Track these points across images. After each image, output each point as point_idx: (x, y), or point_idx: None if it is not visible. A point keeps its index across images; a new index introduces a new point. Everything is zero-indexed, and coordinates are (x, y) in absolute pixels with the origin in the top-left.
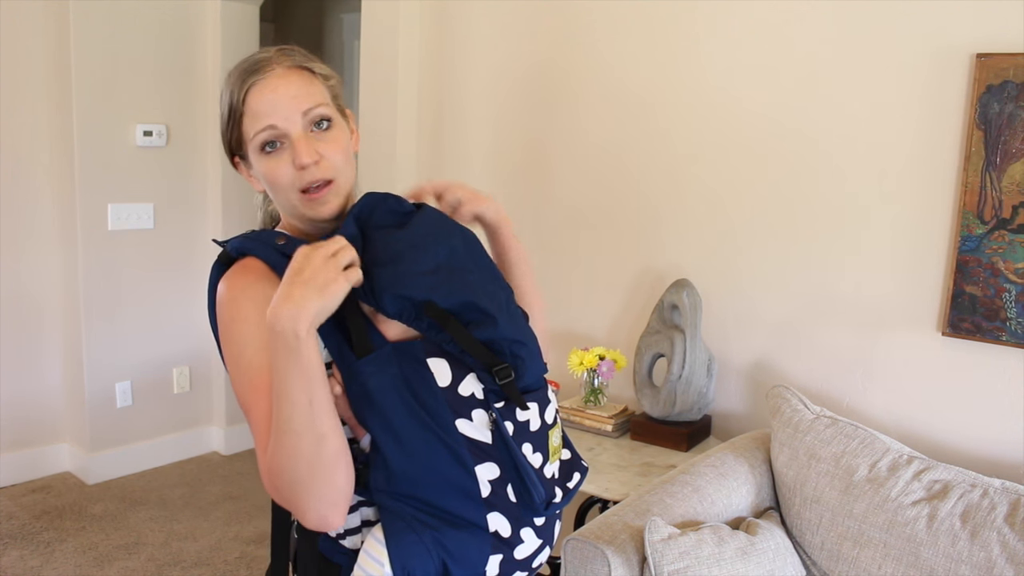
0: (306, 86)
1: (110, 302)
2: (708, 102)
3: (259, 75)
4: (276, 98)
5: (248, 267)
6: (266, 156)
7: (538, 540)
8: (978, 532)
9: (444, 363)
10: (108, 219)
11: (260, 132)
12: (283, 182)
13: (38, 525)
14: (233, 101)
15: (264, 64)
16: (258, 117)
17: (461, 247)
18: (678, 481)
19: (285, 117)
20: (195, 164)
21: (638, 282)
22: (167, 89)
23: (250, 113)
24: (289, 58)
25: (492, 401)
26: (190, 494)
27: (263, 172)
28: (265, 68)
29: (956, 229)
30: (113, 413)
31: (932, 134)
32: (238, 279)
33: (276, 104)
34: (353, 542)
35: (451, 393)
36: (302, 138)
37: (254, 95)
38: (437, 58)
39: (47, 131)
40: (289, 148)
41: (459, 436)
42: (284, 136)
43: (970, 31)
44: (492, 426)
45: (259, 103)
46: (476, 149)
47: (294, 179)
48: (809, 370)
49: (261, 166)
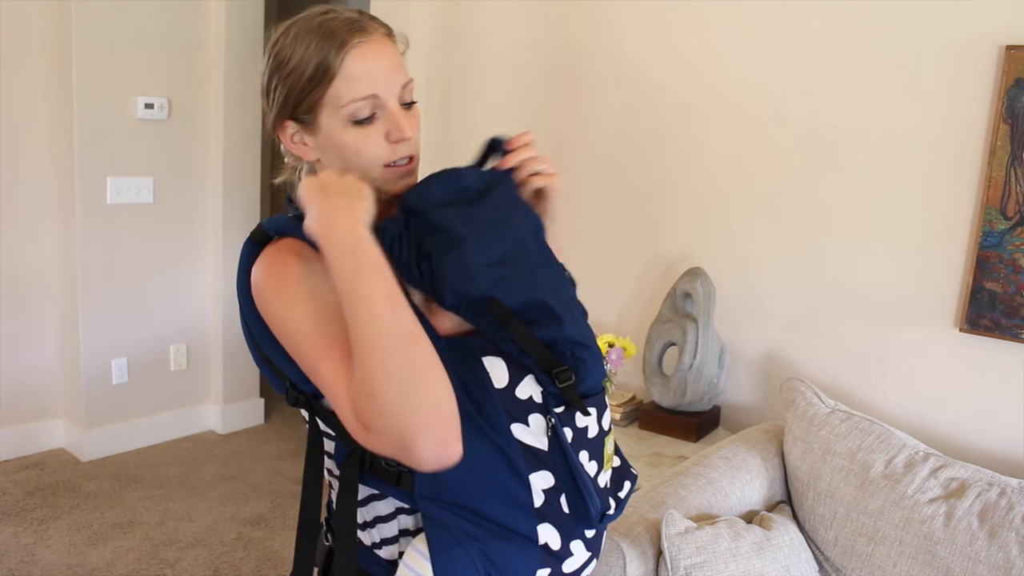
0: (399, 58)
1: (108, 277)
2: (725, 89)
3: (363, 36)
4: (380, 66)
5: (287, 247)
6: (356, 127)
7: (587, 553)
8: (996, 532)
9: (501, 363)
10: (107, 193)
11: (359, 100)
12: (372, 154)
13: (31, 502)
14: (327, 59)
15: (362, 25)
16: (358, 83)
17: (530, 235)
18: (691, 473)
19: (387, 88)
20: (197, 138)
21: (648, 269)
22: (169, 61)
23: (349, 76)
24: (382, 25)
25: (551, 405)
26: (186, 473)
27: (348, 141)
28: (367, 29)
29: (978, 224)
30: (109, 390)
31: (956, 127)
32: (278, 258)
33: (380, 72)
34: (390, 552)
35: (507, 396)
36: (399, 111)
37: (355, 58)
38: (446, 39)
39: (46, 102)
40: (385, 120)
41: (514, 442)
42: (382, 107)
43: (1000, 22)
44: (550, 432)
45: (361, 68)
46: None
47: (384, 152)
48: (822, 363)
49: (347, 135)
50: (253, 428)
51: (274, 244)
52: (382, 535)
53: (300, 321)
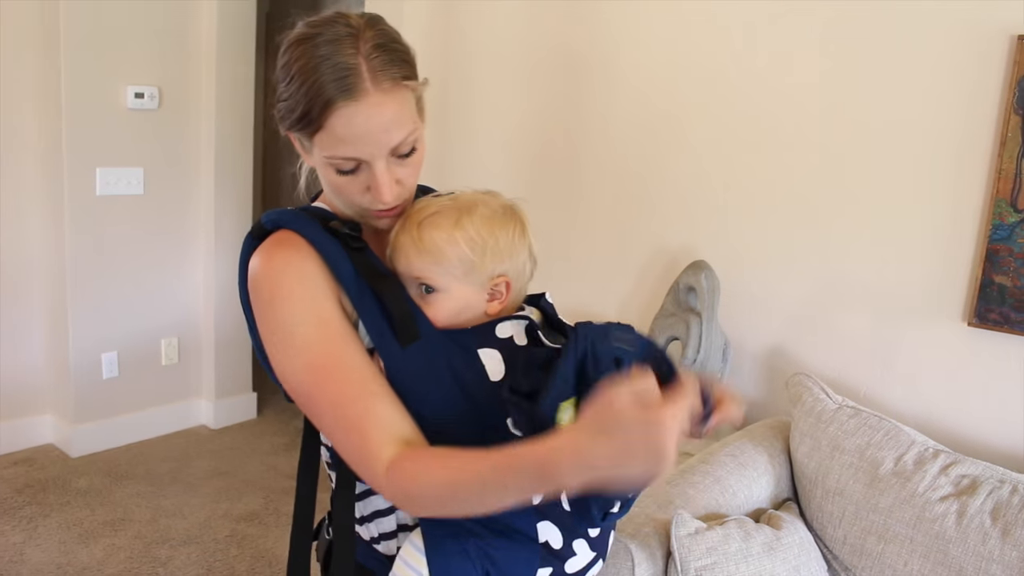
0: (399, 111)
1: (97, 270)
2: (729, 81)
3: (349, 99)
4: (367, 129)
5: (285, 241)
6: (337, 173)
7: (591, 553)
8: (1009, 530)
9: (497, 355)
10: (96, 184)
11: (338, 159)
12: (352, 198)
13: (20, 499)
14: (311, 113)
15: (356, 81)
16: (341, 144)
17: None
18: (698, 471)
19: (372, 152)
20: (188, 128)
21: (651, 262)
22: (160, 50)
23: (330, 134)
24: (384, 73)
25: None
26: (178, 469)
27: (331, 180)
28: (357, 89)
29: (987, 217)
30: (99, 384)
31: (966, 117)
32: (275, 251)
33: (368, 136)
34: (388, 547)
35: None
36: (385, 174)
37: (339, 119)
38: (444, 32)
39: (34, 90)
40: (367, 173)
41: (511, 436)
42: (366, 164)
43: (1011, 12)
44: None
45: (344, 130)
46: (484, 127)
47: (365, 200)
48: (827, 358)
49: (330, 175)
50: (246, 423)
51: (272, 238)
52: (380, 530)
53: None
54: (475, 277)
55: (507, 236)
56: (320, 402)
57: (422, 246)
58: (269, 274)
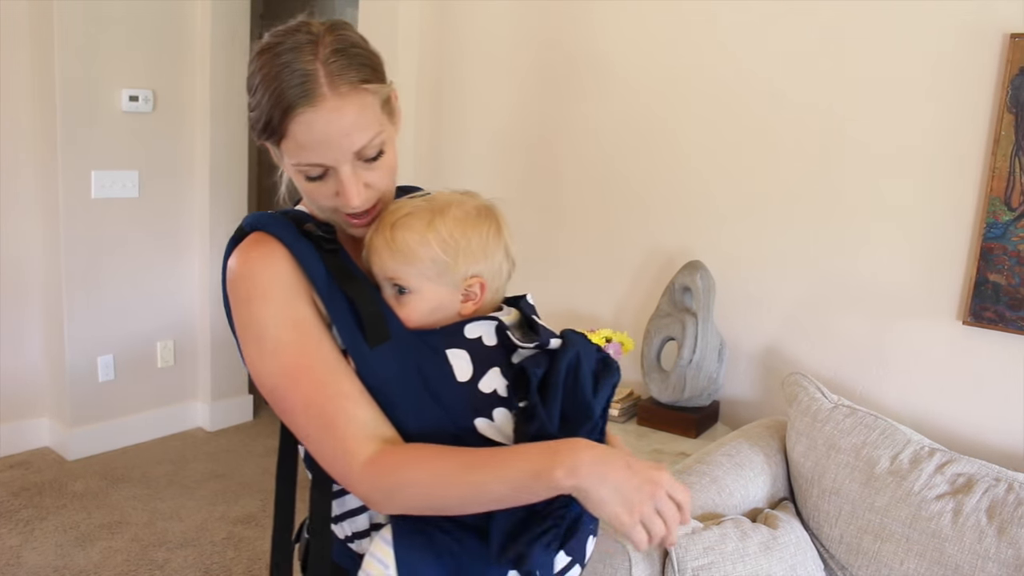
0: (360, 115)
1: (93, 273)
2: (722, 79)
3: (306, 105)
4: (327, 134)
5: (261, 242)
6: (307, 180)
7: (566, 558)
8: (1005, 528)
9: (465, 355)
10: (91, 187)
11: (304, 165)
12: (324, 204)
13: (17, 502)
14: (273, 121)
15: (312, 87)
16: (302, 149)
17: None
18: (695, 471)
19: (336, 156)
20: (183, 131)
21: (646, 263)
22: (155, 53)
23: (293, 140)
24: (342, 77)
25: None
26: (174, 471)
27: (301, 186)
28: (313, 94)
29: (981, 215)
30: (95, 387)
31: (959, 116)
32: (251, 252)
33: (325, 142)
34: (361, 546)
35: (471, 389)
36: (351, 177)
37: (299, 125)
38: (437, 33)
39: (28, 93)
40: (335, 178)
41: (478, 437)
42: (331, 170)
43: (1004, 10)
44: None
45: (305, 136)
46: (478, 127)
47: (335, 204)
48: (822, 357)
49: (298, 182)
50: (242, 425)
51: (249, 239)
52: (354, 528)
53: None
54: (448, 278)
55: (480, 237)
56: (294, 403)
57: (395, 247)
58: (245, 275)
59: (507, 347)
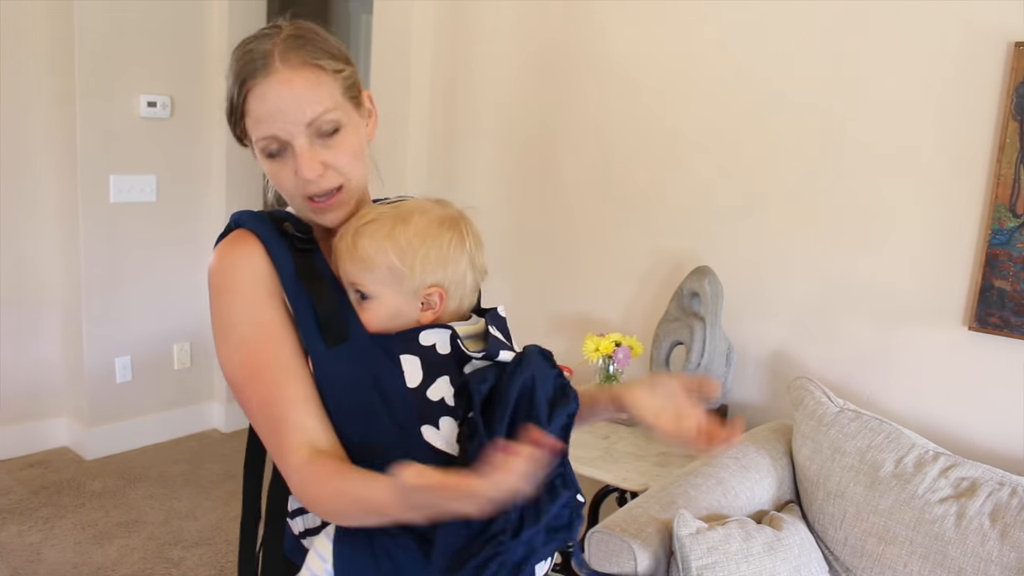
0: (312, 89)
1: (111, 276)
2: (731, 85)
3: (260, 76)
4: (279, 105)
5: (240, 239)
6: (269, 160)
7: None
8: (1008, 532)
9: (416, 361)
10: (110, 191)
11: (260, 139)
12: (288, 188)
13: (36, 500)
14: (233, 99)
15: (266, 61)
16: (259, 123)
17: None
18: (701, 473)
19: (286, 128)
20: (199, 137)
21: (654, 268)
22: (172, 60)
23: (251, 116)
24: (295, 53)
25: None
26: (190, 471)
27: (268, 173)
28: (267, 67)
29: (987, 222)
30: (112, 388)
31: (965, 124)
32: (229, 248)
33: (278, 113)
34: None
35: (419, 396)
36: (305, 150)
37: (254, 98)
38: (450, 37)
39: (49, 100)
40: (292, 156)
41: (423, 444)
42: (287, 144)
43: (1009, 18)
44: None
45: (259, 108)
46: (489, 132)
47: (298, 187)
48: (829, 362)
49: (265, 167)
50: None
51: (230, 236)
52: (306, 525)
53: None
54: (406, 286)
55: (440, 247)
56: (249, 397)
57: (355, 253)
58: (222, 269)
59: (460, 357)
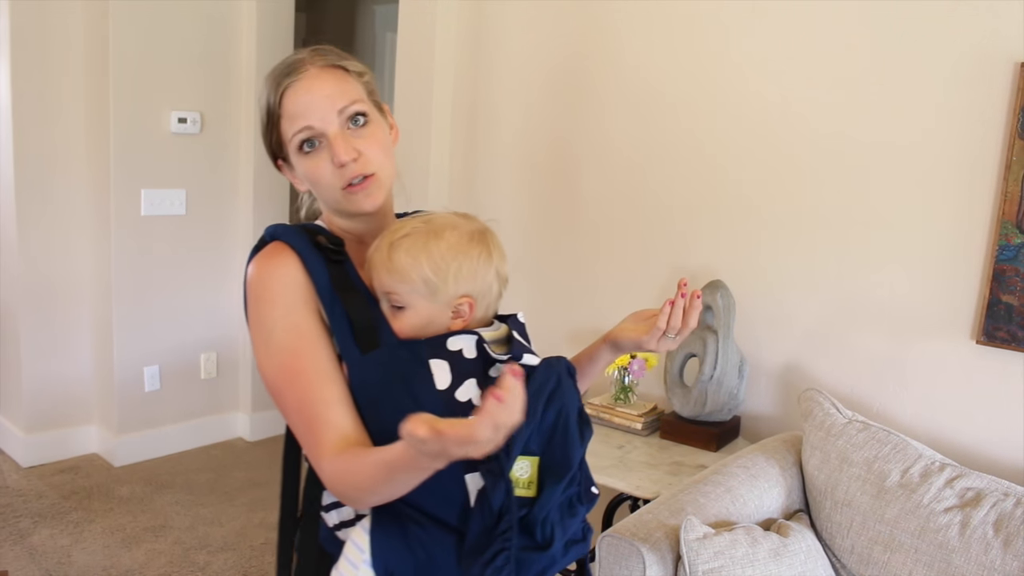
0: (340, 84)
1: (141, 286)
2: (743, 103)
3: (293, 76)
4: (311, 98)
5: (277, 251)
6: (305, 156)
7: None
8: (1011, 541)
9: (445, 365)
10: (141, 204)
11: (297, 133)
12: (325, 180)
13: (67, 505)
14: (270, 104)
15: (298, 66)
16: (294, 118)
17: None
18: (710, 481)
19: (321, 117)
20: (228, 152)
21: (669, 281)
22: (202, 77)
23: (287, 115)
24: (323, 57)
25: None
26: (215, 479)
27: (305, 171)
28: (299, 69)
29: (994, 238)
30: (141, 397)
31: (973, 142)
32: (266, 260)
33: (311, 104)
34: (346, 534)
35: (448, 397)
36: (339, 136)
37: (289, 97)
38: (472, 56)
39: (83, 116)
40: (327, 147)
41: None
42: (321, 135)
43: (1015, 39)
44: None
45: (295, 104)
46: (508, 146)
47: (335, 176)
48: (840, 375)
49: (302, 166)
50: (280, 436)
51: (267, 247)
52: (341, 518)
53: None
54: (439, 297)
55: (471, 261)
56: (288, 400)
57: (391, 266)
58: (260, 279)
59: (485, 360)
